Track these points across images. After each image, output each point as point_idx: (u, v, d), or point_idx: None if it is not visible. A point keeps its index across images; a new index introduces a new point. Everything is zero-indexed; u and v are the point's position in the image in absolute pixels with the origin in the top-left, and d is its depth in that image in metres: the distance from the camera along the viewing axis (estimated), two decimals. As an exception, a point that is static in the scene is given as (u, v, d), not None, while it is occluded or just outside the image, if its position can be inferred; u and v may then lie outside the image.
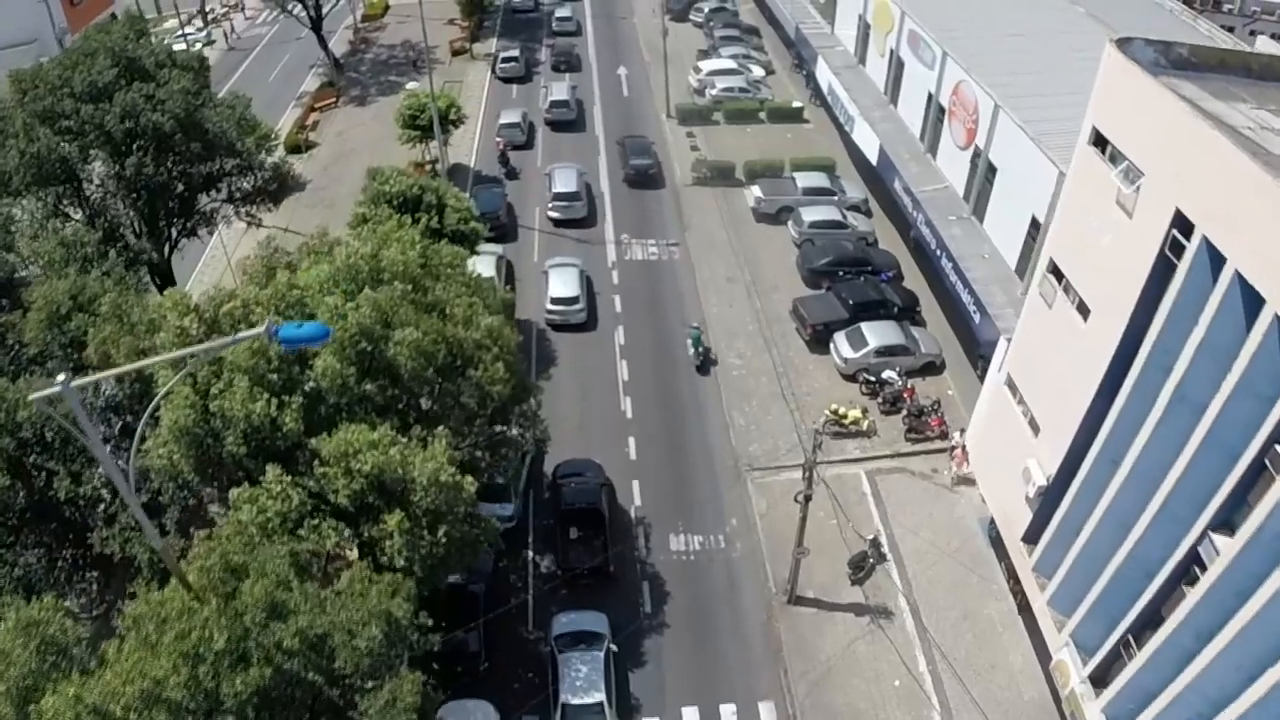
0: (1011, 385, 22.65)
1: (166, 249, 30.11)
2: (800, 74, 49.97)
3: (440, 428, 18.30)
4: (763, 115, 45.57)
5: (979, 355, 30.01)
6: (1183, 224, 15.84)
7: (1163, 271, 16.62)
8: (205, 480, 18.64)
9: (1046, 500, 21.30)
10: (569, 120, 46.54)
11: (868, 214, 38.63)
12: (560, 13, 59.63)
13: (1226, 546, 15.69)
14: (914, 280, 35.05)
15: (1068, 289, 19.58)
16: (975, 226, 31.67)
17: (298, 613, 14.45)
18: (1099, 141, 18.23)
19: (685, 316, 33.16)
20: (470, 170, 42.39)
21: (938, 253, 30.80)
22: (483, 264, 32.80)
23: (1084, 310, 18.95)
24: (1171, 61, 18.61)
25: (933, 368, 31.38)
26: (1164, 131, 16.29)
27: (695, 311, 33.46)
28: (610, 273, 35.39)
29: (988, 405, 24.85)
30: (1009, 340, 25.42)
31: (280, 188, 30.97)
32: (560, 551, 24.84)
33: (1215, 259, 15.20)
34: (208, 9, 64.15)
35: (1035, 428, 21.55)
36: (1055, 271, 20.11)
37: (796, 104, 46.02)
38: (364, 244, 18.90)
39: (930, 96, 34.83)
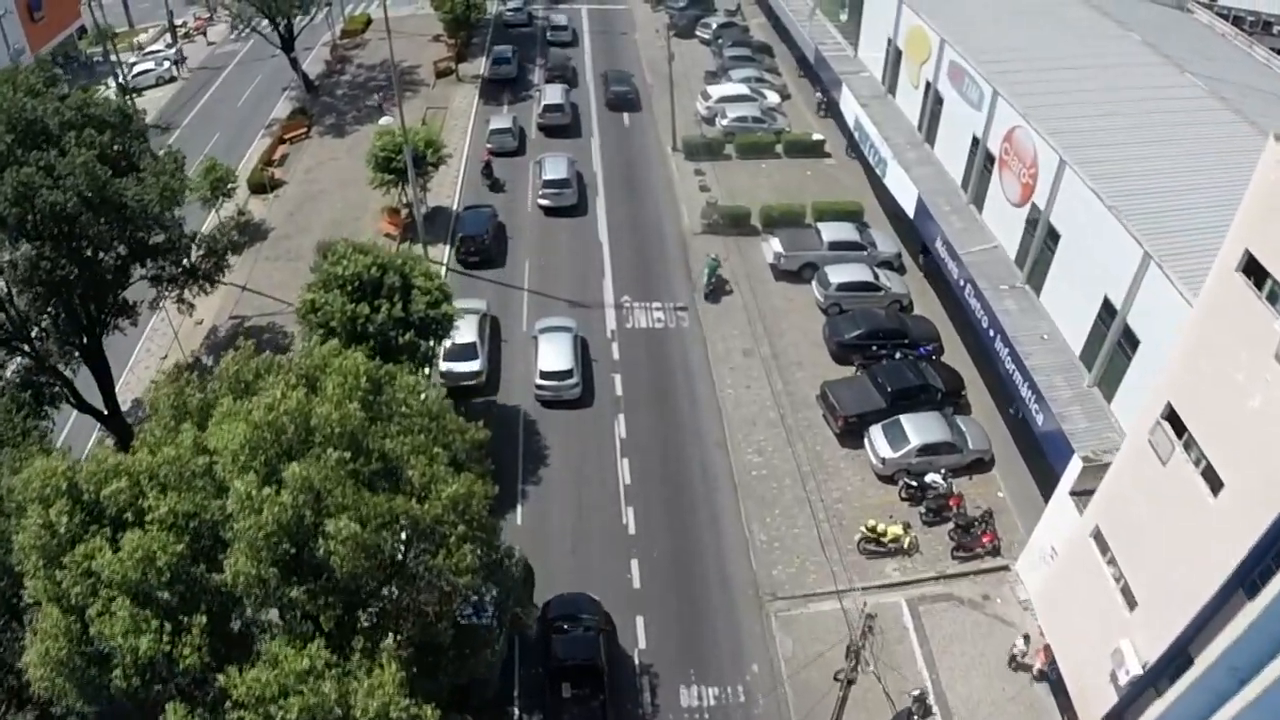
0: (1100, 540, 18.71)
1: (97, 330, 26.12)
2: (821, 109, 45.27)
3: (390, 638, 14.48)
4: (779, 149, 41.39)
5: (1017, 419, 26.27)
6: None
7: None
8: (101, 704, 14.79)
9: (1140, 686, 17.44)
10: (563, 125, 43.88)
11: (900, 270, 34.56)
12: (556, 19, 55.87)
13: None
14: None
15: (1190, 447, 15.62)
16: (1030, 299, 27.69)
17: None
18: (1254, 270, 14.14)
19: (697, 401, 29.24)
20: (452, 213, 38.30)
21: (990, 332, 26.85)
22: (464, 326, 29.49)
23: (1214, 481, 14.99)
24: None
25: (980, 463, 27.45)
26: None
27: (708, 393, 29.50)
28: (610, 345, 31.38)
29: (1064, 551, 20.92)
30: (1084, 461, 21.56)
31: (218, 265, 26.80)
32: (552, 715, 21.05)
33: None
34: (178, 23, 59.82)
35: (1131, 601, 17.61)
36: (1174, 420, 16.12)
37: (816, 136, 41.81)
38: (289, 394, 14.93)
39: (976, 141, 30.75)
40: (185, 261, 25.80)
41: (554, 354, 29.14)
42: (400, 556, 15.30)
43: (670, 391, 29.59)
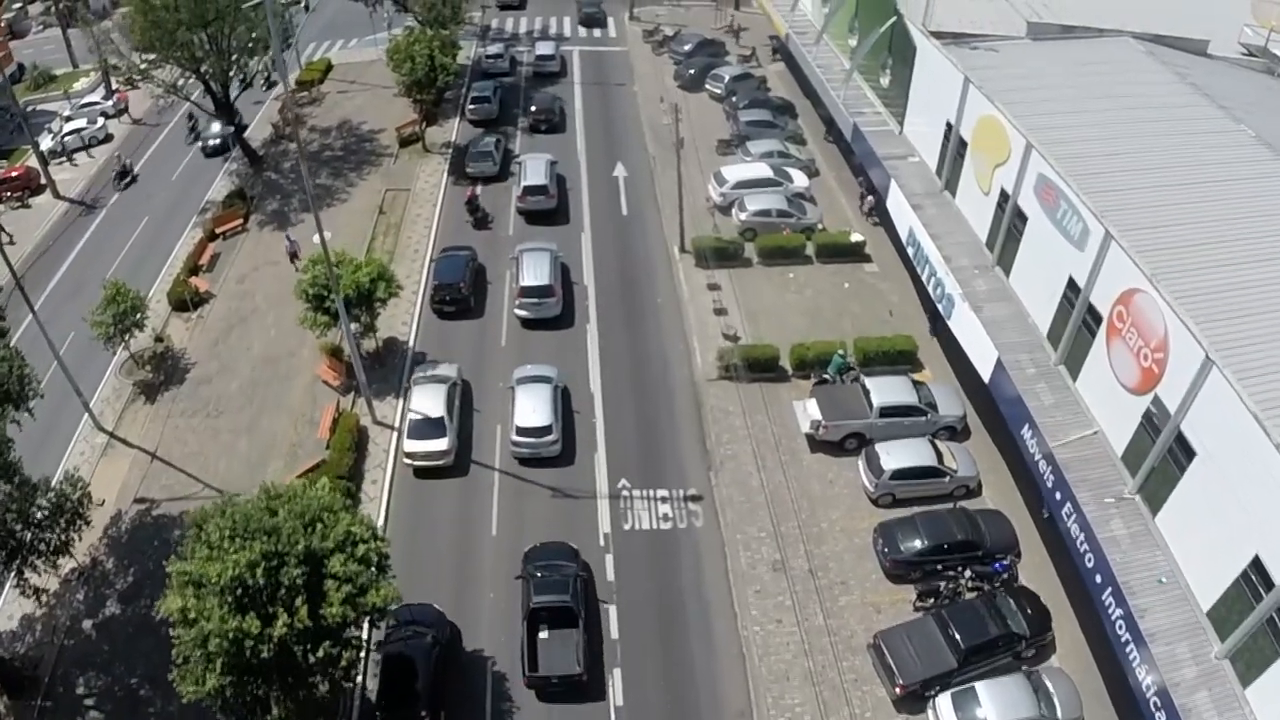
0: None
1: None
2: (867, 213, 38.14)
3: None
4: (809, 250, 35.08)
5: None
6: None
7: None
8: None
9: None
10: (547, 210, 38.25)
11: (965, 433, 28.37)
12: (541, 49, 50.26)
13: None
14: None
15: None
16: (1144, 517, 21.70)
17: None
18: None
19: (715, 647, 23.28)
20: (409, 350, 32.19)
21: (1095, 576, 20.87)
22: (430, 398, 27.95)
23: None
24: None
25: (1069, 729, 21.65)
26: None
27: (727, 632, 23.57)
28: (603, 557, 25.28)
29: None
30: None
31: (73, 523, 20.81)
32: None
33: None
34: (110, 65, 53.26)
35: None
36: None
37: (855, 237, 35.49)
38: None
39: (1074, 286, 24.42)
40: (20, 533, 19.77)
41: (532, 408, 27.90)
42: None
43: (680, 634, 23.52)
